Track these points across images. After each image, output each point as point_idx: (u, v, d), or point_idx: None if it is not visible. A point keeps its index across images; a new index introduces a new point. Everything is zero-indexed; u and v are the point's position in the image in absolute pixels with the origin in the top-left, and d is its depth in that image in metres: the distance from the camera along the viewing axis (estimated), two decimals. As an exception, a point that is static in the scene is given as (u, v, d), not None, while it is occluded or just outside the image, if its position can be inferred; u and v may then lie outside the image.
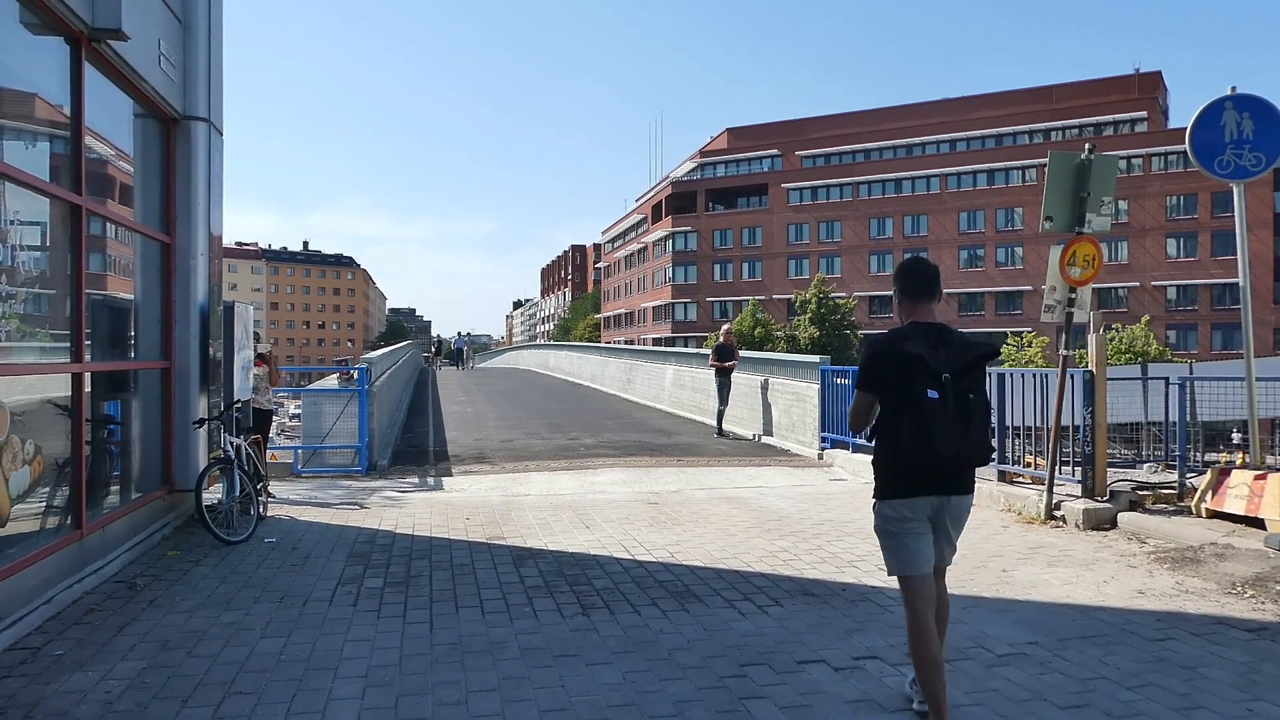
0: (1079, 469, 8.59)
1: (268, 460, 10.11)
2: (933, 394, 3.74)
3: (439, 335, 54.84)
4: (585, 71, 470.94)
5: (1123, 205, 63.00)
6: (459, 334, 50.11)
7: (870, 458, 4.22)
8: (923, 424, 3.72)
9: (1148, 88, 75.64)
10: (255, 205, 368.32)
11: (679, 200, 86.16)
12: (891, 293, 4.17)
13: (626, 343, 79.14)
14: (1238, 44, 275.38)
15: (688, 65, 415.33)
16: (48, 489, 6.08)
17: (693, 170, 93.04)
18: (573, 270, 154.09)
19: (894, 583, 4.02)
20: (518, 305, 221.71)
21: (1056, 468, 8.52)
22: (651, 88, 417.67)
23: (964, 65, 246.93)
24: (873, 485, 4.06)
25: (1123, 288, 65.73)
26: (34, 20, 5.92)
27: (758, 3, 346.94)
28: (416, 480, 11.54)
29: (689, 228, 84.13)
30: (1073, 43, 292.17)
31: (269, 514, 8.76)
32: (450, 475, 12.00)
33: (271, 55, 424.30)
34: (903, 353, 3.81)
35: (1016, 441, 9.63)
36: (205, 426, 8.35)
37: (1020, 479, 9.43)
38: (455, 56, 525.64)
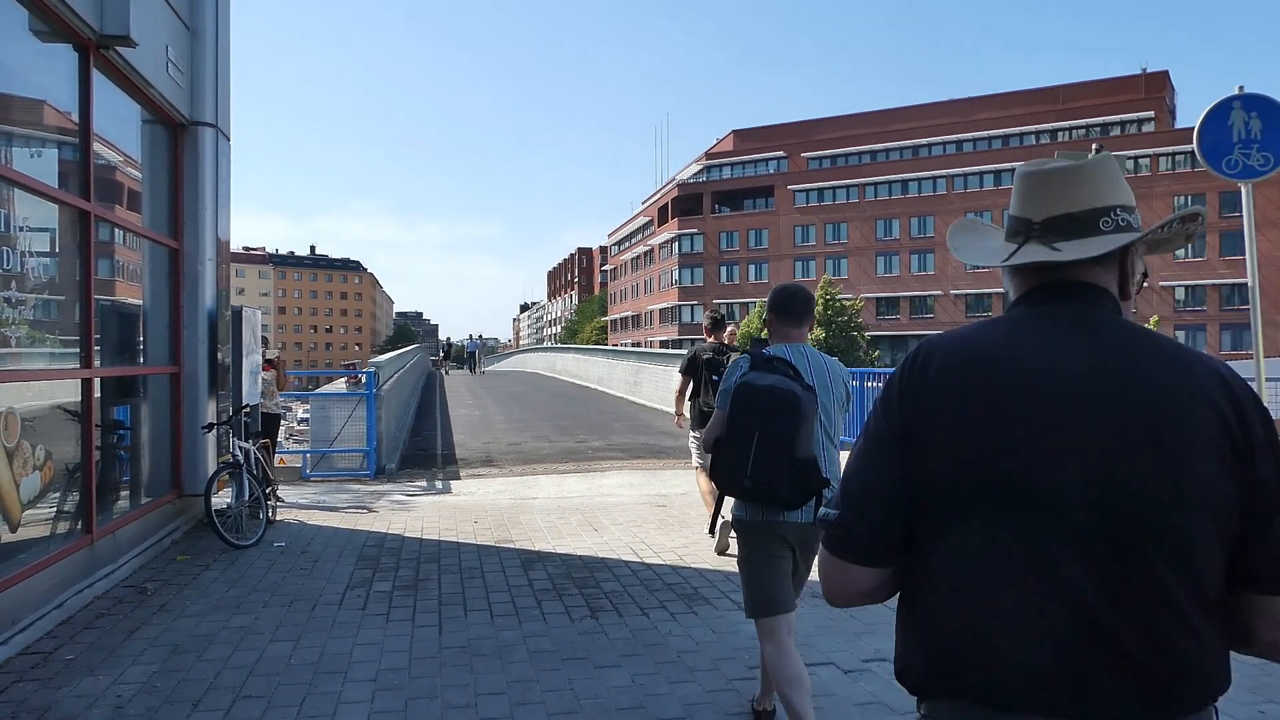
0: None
1: (276, 464, 10.14)
2: (715, 377, 7.28)
3: (448, 338, 54.68)
4: (590, 74, 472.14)
5: (1130, 205, 62.76)
6: (470, 337, 49.88)
7: None
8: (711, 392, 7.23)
9: (1155, 87, 75.40)
10: (263, 210, 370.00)
11: (685, 202, 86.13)
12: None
13: (633, 345, 79.15)
14: (1245, 43, 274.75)
15: (693, 67, 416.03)
16: (58, 494, 6.11)
17: (699, 172, 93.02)
18: (579, 273, 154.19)
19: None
20: (524, 308, 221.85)
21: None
22: (657, 90, 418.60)
23: (970, 66, 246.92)
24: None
25: (1131, 288, 65.52)
26: (43, 28, 5.95)
27: (763, 4, 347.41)
28: (424, 484, 11.56)
29: (695, 230, 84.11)
30: (1079, 43, 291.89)
31: (278, 518, 8.78)
32: (458, 478, 12.02)
33: (278, 60, 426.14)
34: (699, 356, 7.81)
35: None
36: (214, 431, 8.37)
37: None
38: (460, 60, 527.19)
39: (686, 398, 8.07)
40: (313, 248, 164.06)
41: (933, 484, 1.37)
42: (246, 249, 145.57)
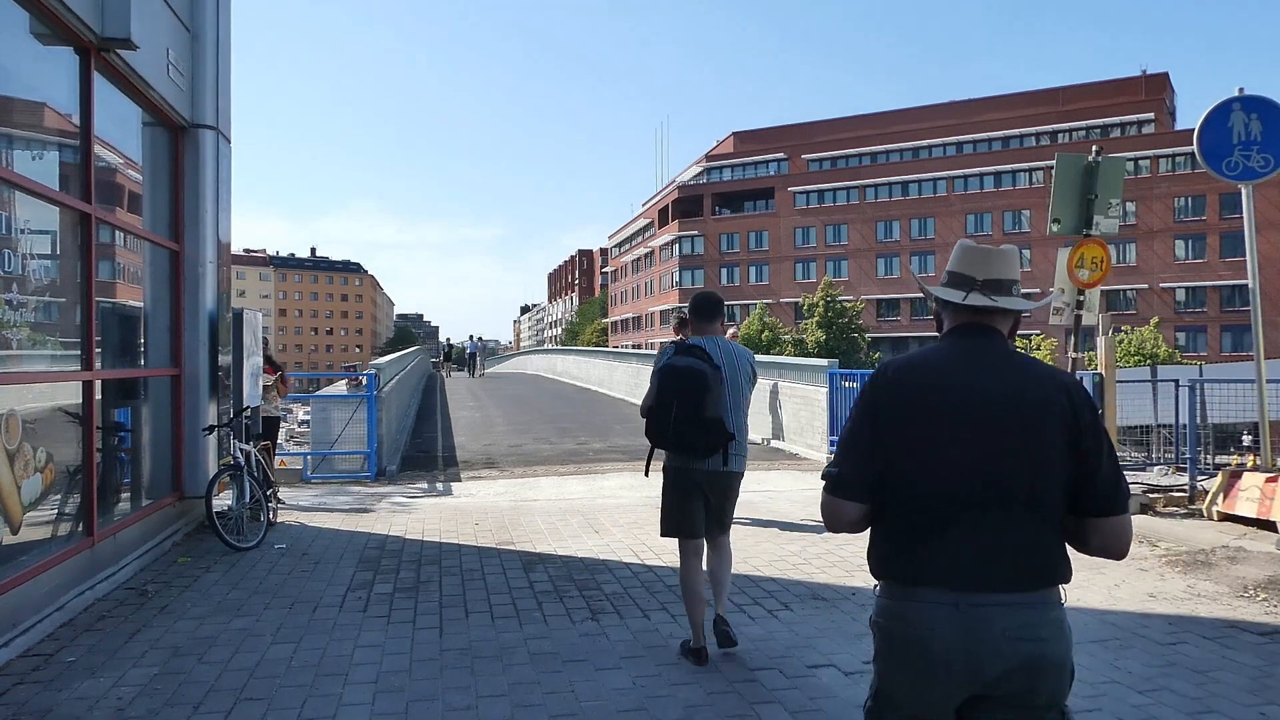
0: (1089, 472, 8.55)
1: (277, 466, 10.14)
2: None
3: (449, 339, 54.29)
4: (591, 75, 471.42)
5: (1130, 207, 62.80)
6: (470, 337, 49.42)
7: None
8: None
9: (1155, 89, 75.43)
10: (263, 211, 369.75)
11: (685, 204, 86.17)
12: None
13: (634, 347, 79.14)
14: (1245, 45, 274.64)
15: (694, 69, 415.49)
16: (59, 496, 6.11)
17: (699, 174, 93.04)
18: (580, 275, 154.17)
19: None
20: (525, 310, 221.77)
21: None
22: (657, 91, 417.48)
23: (971, 67, 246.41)
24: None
25: (1131, 290, 65.52)
26: (44, 31, 5.96)
27: (764, 7, 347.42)
28: (425, 485, 11.56)
29: (695, 232, 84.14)
30: (1079, 44, 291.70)
31: (279, 520, 8.78)
32: (459, 480, 12.02)
33: (279, 62, 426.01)
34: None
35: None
36: (215, 433, 8.38)
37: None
38: (462, 62, 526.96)
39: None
40: (313, 249, 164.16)
41: (887, 456, 2.21)
42: (247, 251, 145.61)
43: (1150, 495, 8.51)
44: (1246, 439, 12.25)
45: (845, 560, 7.08)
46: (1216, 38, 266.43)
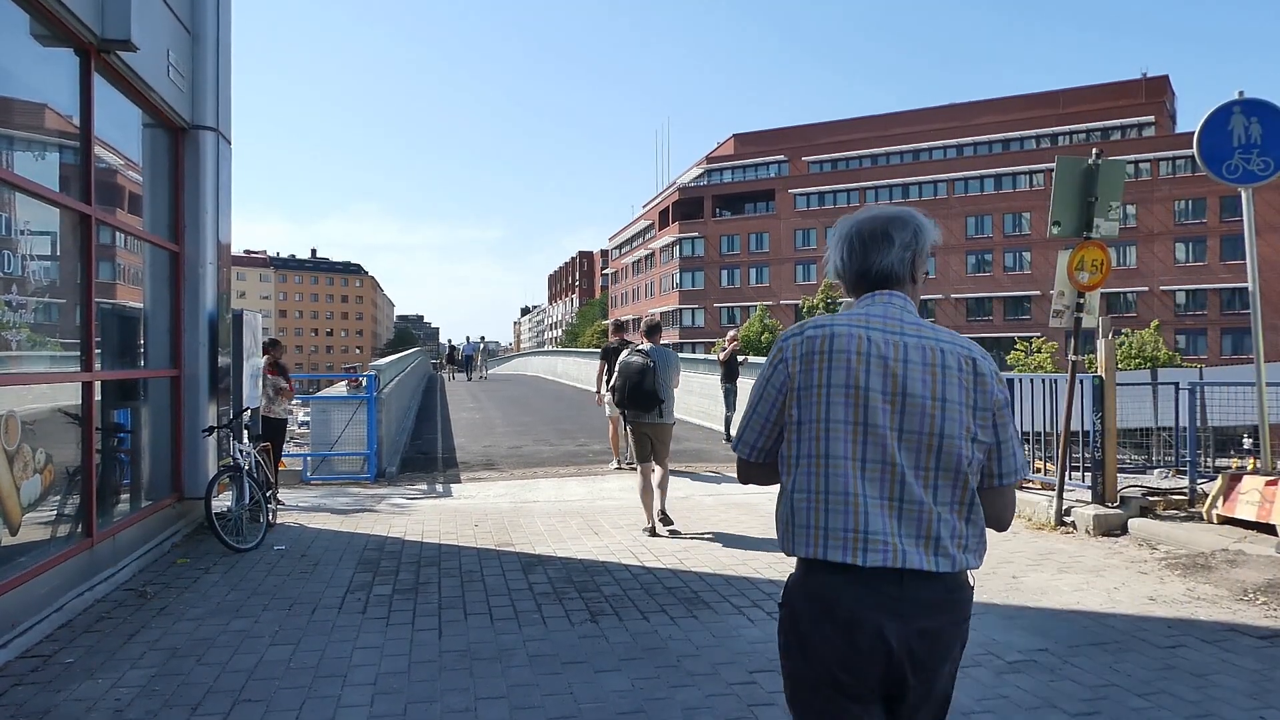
0: (1089, 475, 8.56)
1: (278, 468, 10.13)
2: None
3: (450, 340, 54.20)
4: (591, 75, 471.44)
5: (1131, 210, 62.80)
6: (467, 339, 49.24)
7: None
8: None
9: (1155, 92, 75.46)
10: (264, 213, 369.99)
11: (686, 206, 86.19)
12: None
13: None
14: (1246, 48, 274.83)
15: (694, 69, 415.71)
16: (58, 497, 6.11)
17: (700, 176, 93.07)
18: (580, 276, 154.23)
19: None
20: (525, 312, 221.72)
21: (1066, 473, 8.49)
22: (658, 93, 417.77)
23: (971, 69, 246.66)
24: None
25: (1131, 292, 65.53)
26: (44, 32, 5.96)
27: (765, 8, 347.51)
28: (425, 487, 11.56)
29: (696, 233, 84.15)
30: (1080, 47, 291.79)
31: (278, 521, 8.78)
32: (459, 482, 12.02)
33: (280, 63, 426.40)
34: (609, 349, 12.39)
35: (1026, 447, 9.59)
36: (215, 434, 8.37)
37: (1030, 485, 9.39)
38: (463, 63, 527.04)
39: (604, 376, 12.29)
40: (314, 251, 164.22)
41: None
42: (248, 252, 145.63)
43: (1150, 498, 8.50)
44: (1247, 442, 12.23)
45: (845, 563, 7.07)
46: (1217, 40, 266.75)
